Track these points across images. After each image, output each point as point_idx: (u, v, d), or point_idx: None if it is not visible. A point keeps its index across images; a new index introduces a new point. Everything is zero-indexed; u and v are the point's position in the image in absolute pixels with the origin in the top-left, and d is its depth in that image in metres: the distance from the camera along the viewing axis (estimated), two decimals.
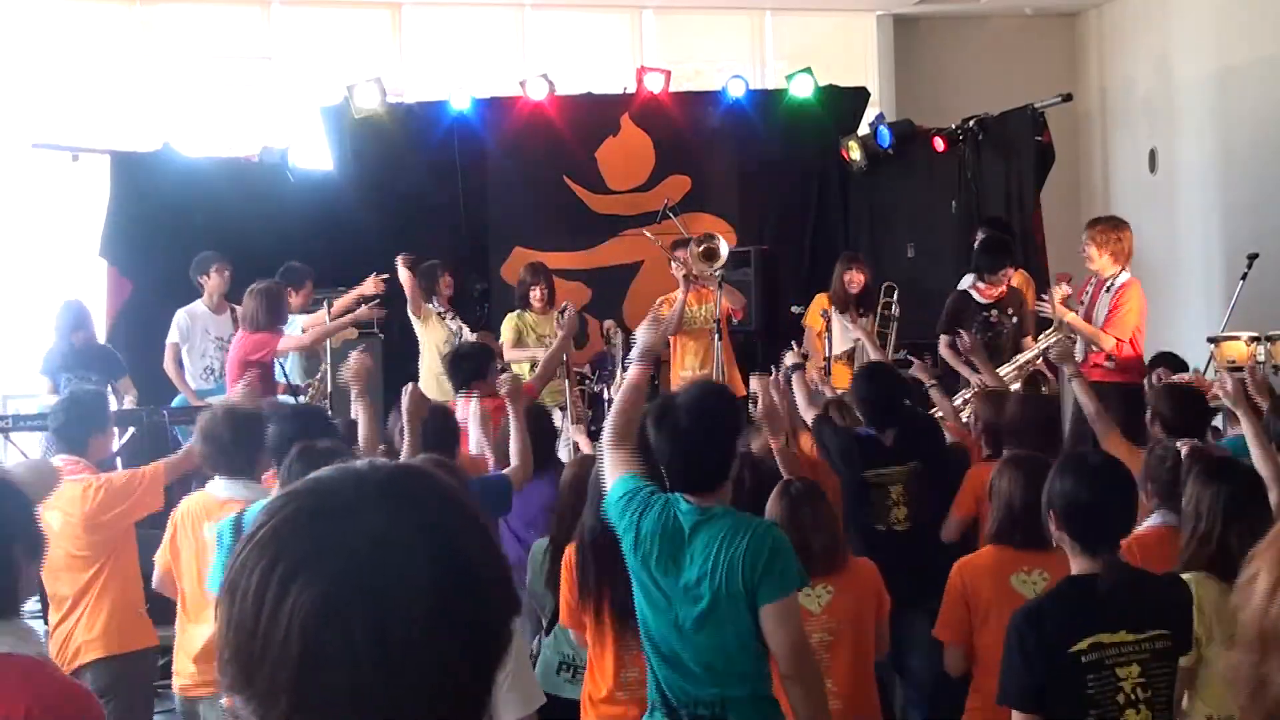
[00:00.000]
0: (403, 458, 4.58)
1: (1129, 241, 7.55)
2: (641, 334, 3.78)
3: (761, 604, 3.22)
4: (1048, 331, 7.53)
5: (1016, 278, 8.75)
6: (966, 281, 8.15)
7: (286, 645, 1.10)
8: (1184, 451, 4.26)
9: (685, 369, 8.42)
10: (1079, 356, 7.02)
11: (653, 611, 3.38)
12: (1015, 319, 7.81)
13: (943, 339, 7.64)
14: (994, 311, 7.80)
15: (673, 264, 8.70)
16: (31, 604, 5.54)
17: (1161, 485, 4.20)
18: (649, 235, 9.62)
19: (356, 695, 1.11)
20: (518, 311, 8.70)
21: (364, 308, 8.32)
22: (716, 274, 8.28)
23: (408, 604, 1.12)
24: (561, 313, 7.41)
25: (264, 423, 4.69)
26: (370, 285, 8.44)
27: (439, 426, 5.04)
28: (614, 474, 3.48)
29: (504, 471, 4.92)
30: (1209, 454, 4.21)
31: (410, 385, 5.11)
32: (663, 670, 3.37)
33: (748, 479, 4.36)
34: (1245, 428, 4.20)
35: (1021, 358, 7.55)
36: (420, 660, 1.12)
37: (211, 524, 4.43)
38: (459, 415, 5.67)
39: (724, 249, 8.35)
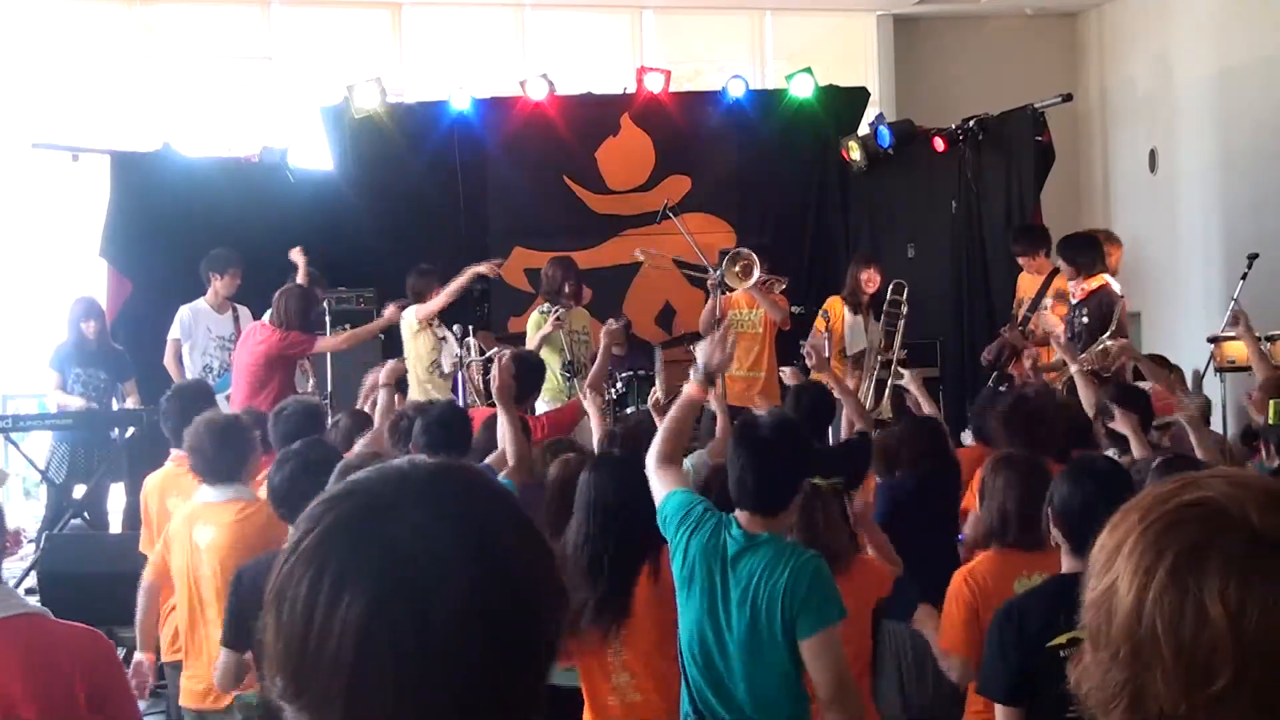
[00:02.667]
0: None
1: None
2: (703, 353, 3.74)
3: (801, 638, 3.23)
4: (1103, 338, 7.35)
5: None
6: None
7: (339, 654, 1.10)
8: (1154, 462, 4.29)
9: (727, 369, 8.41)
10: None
11: (695, 629, 3.39)
12: (1086, 319, 7.58)
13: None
14: (1079, 310, 7.65)
15: (712, 274, 8.67)
16: None
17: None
18: (639, 255, 9.62)
19: (404, 698, 1.11)
20: (545, 309, 8.41)
21: (391, 308, 8.37)
22: (772, 287, 8.41)
23: (446, 601, 1.12)
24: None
25: (246, 429, 4.72)
26: (391, 314, 8.47)
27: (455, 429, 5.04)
28: (666, 487, 3.48)
29: (501, 475, 4.87)
30: (1180, 464, 4.22)
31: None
32: (698, 686, 3.39)
33: None
34: (1193, 436, 4.23)
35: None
36: (460, 660, 1.12)
37: (204, 526, 4.50)
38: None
39: (758, 265, 8.39)
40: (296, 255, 8.57)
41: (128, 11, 11.01)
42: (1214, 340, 8.33)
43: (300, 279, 8.33)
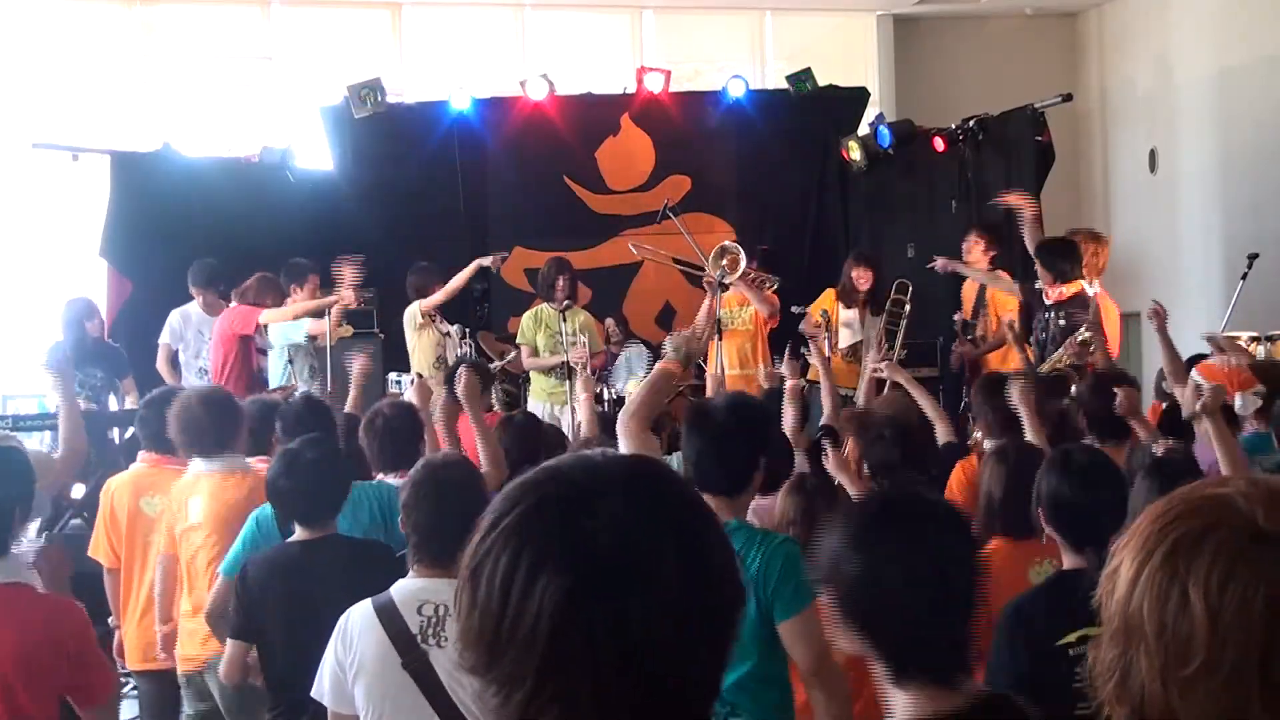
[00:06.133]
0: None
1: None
2: (677, 336, 3.79)
3: (779, 621, 3.24)
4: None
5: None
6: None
7: (534, 634, 1.13)
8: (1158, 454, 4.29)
9: (716, 368, 8.42)
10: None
11: None
12: (1063, 322, 7.51)
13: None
14: (1057, 313, 7.55)
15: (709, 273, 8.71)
16: None
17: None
18: (632, 248, 9.71)
19: (597, 683, 1.13)
20: (536, 309, 8.49)
21: (348, 292, 8.22)
22: (764, 280, 8.48)
23: (653, 598, 1.14)
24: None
25: (231, 399, 4.88)
26: (348, 296, 8.22)
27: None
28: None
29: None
30: (1169, 460, 4.22)
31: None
32: None
33: None
34: (1212, 431, 4.21)
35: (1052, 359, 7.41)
36: (661, 652, 1.14)
37: (196, 497, 4.64)
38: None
39: (743, 258, 8.46)
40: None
41: (128, 11, 11.01)
42: (1212, 340, 8.31)
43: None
